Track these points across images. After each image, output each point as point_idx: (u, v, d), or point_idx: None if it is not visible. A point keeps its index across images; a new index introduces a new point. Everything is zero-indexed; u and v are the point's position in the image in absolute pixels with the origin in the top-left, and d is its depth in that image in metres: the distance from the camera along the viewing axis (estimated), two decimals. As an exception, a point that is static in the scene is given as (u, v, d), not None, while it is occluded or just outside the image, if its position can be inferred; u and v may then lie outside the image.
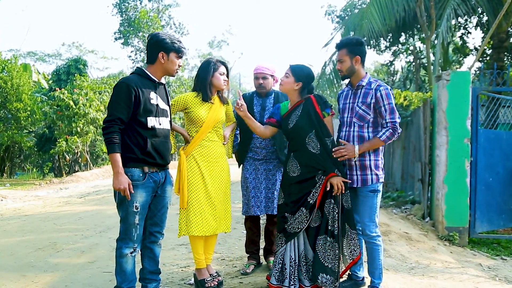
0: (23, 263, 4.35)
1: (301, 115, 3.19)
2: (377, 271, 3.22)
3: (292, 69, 3.25)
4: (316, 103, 3.18)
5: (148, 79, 2.93)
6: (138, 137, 2.83)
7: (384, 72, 16.00)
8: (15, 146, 17.43)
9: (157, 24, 21.68)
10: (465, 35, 12.01)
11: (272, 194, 3.70)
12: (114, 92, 2.81)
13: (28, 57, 34.23)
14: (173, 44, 2.92)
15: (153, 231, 3.05)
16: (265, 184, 3.72)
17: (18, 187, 12.36)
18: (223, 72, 3.38)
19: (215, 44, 36.25)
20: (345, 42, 3.22)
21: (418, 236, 5.56)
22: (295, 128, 3.19)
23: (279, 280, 3.19)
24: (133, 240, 2.85)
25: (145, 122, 2.84)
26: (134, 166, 2.81)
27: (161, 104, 2.96)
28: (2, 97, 15.83)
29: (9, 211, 7.92)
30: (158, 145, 2.91)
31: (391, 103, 3.09)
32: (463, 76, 6.00)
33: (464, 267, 4.62)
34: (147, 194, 2.88)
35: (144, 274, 3.09)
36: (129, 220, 2.83)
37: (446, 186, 5.86)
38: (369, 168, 3.15)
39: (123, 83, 2.80)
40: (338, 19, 13.66)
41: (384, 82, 3.20)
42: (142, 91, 2.82)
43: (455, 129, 5.85)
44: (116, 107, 2.75)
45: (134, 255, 2.89)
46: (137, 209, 2.82)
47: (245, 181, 3.77)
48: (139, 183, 2.82)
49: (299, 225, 3.10)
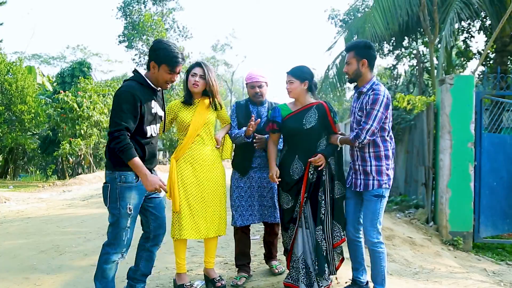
0: (26, 266, 4.35)
1: (318, 118, 3.25)
2: (379, 277, 3.18)
3: (292, 73, 3.30)
4: (328, 110, 3.28)
5: (147, 87, 2.85)
6: (137, 145, 2.76)
7: (387, 76, 15.98)
8: (19, 148, 17.50)
9: (161, 28, 21.75)
10: (468, 39, 11.98)
11: (268, 202, 3.64)
12: (118, 101, 2.71)
13: (33, 59, 34.47)
14: (166, 57, 2.76)
15: (158, 234, 3.05)
16: (260, 192, 3.64)
17: (22, 189, 12.39)
18: (195, 73, 3.39)
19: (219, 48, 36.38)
20: (353, 45, 3.21)
21: (422, 240, 5.54)
22: (312, 130, 3.24)
23: (309, 285, 3.25)
24: (122, 245, 2.78)
25: (145, 131, 2.81)
26: (127, 170, 2.73)
27: (159, 111, 2.96)
28: (7, 99, 15.90)
29: (12, 213, 7.93)
30: (152, 151, 2.91)
31: (373, 108, 2.99)
32: (467, 80, 5.99)
33: (468, 272, 4.59)
34: (139, 197, 2.84)
35: (136, 275, 3.06)
36: (120, 224, 2.75)
37: (450, 190, 5.84)
38: (370, 174, 3.14)
39: (128, 92, 2.71)
40: (341, 23, 13.66)
41: (385, 87, 3.15)
42: (145, 101, 2.78)
43: (458, 133, 5.83)
44: (122, 116, 2.66)
45: (119, 262, 2.84)
46: (131, 211, 2.77)
47: (237, 190, 3.65)
48: (132, 185, 2.76)
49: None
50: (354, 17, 12.92)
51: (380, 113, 3.00)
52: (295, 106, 3.35)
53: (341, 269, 3.50)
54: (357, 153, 3.20)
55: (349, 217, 3.31)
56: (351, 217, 3.30)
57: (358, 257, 3.35)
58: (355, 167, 3.21)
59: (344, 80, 12.29)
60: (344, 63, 3.31)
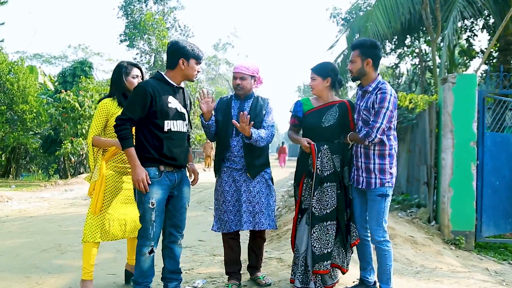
0: (27, 265, 4.36)
1: (338, 118, 3.26)
2: (384, 276, 3.17)
3: (314, 70, 3.31)
4: (350, 109, 3.28)
5: (166, 83, 3.04)
6: (155, 139, 2.95)
7: (389, 75, 15.93)
8: (20, 147, 17.50)
9: (162, 27, 21.74)
10: (471, 37, 11.93)
11: (254, 208, 3.38)
12: (132, 94, 3.00)
13: (34, 59, 34.49)
14: (193, 51, 3.01)
15: (173, 231, 3.12)
16: (245, 197, 3.38)
17: (24, 188, 12.41)
18: (136, 74, 3.41)
19: (220, 47, 36.29)
20: (359, 43, 3.20)
21: (424, 240, 5.52)
22: (330, 128, 3.25)
23: (304, 282, 3.23)
24: (149, 238, 2.94)
25: (161, 125, 2.95)
26: (150, 165, 2.92)
27: (179, 107, 3.05)
28: (9, 98, 15.90)
29: (14, 213, 7.95)
30: (173, 147, 3.00)
31: (382, 107, 3.01)
32: (469, 78, 5.96)
33: (470, 272, 4.58)
34: (163, 192, 2.97)
35: (165, 273, 3.16)
36: (146, 218, 2.93)
37: (452, 189, 5.82)
38: (373, 172, 3.13)
39: (141, 86, 2.97)
40: (343, 21, 13.62)
41: (390, 86, 3.15)
42: (159, 95, 2.94)
43: (461, 132, 5.81)
44: (130, 108, 2.91)
45: (153, 256, 2.99)
46: (153, 206, 2.92)
47: (223, 194, 3.44)
48: (155, 181, 2.93)
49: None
50: (356, 15, 12.89)
51: (389, 111, 3.03)
52: (318, 102, 3.36)
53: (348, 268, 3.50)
54: (360, 150, 3.18)
55: (356, 216, 3.32)
56: (358, 217, 3.31)
57: (366, 256, 3.34)
58: (358, 164, 3.20)
59: (346, 79, 12.26)
60: (346, 62, 3.32)
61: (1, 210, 8.20)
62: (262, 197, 3.43)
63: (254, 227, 3.40)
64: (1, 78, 15.85)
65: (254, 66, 3.47)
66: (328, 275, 3.28)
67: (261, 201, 3.42)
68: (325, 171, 3.19)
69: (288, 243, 4.96)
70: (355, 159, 3.24)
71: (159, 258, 3.14)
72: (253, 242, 3.63)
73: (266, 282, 3.54)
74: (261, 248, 3.68)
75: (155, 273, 3.09)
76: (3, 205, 8.72)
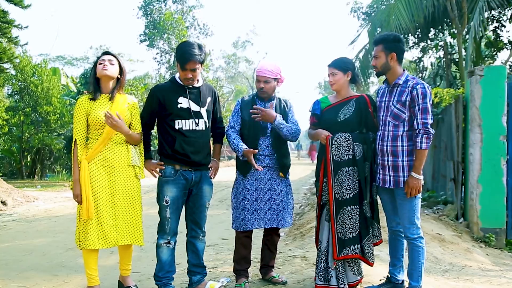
0: (54, 263, 4.42)
1: (354, 111, 3.21)
2: (415, 273, 3.09)
3: (334, 65, 3.26)
4: (370, 103, 3.23)
5: (177, 85, 3.18)
6: (168, 136, 3.14)
7: (412, 69, 15.60)
8: (45, 148, 17.82)
9: (182, 26, 21.83)
10: (498, 28, 11.51)
11: (278, 206, 3.41)
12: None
13: (57, 61, 35.18)
14: (178, 55, 3.04)
15: (193, 227, 3.29)
16: (269, 195, 3.41)
17: (49, 188, 12.68)
18: (102, 59, 3.07)
19: (240, 45, 36.28)
20: (382, 38, 3.15)
21: (452, 237, 5.37)
22: (346, 123, 3.20)
23: (326, 280, 3.16)
24: (166, 232, 3.14)
25: (172, 124, 3.12)
26: (167, 163, 3.13)
27: (193, 106, 3.14)
28: (33, 100, 16.23)
29: (41, 212, 8.12)
30: (186, 144, 3.10)
31: (425, 102, 2.95)
32: (498, 70, 5.77)
33: (502, 270, 4.43)
34: (177, 190, 3.12)
35: (189, 267, 3.35)
36: (162, 213, 3.15)
37: (481, 185, 5.64)
38: (401, 170, 3.04)
39: (151, 90, 3.23)
40: (364, 16, 13.35)
41: (422, 80, 3.08)
42: (168, 97, 3.12)
43: (489, 126, 5.63)
44: (142, 113, 3.25)
45: (170, 247, 3.17)
46: (167, 203, 3.11)
47: (243, 192, 3.41)
48: (170, 179, 3.11)
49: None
50: (377, 9, 12.63)
51: (431, 106, 3.00)
52: (335, 99, 3.33)
53: (374, 268, 3.42)
54: (387, 147, 3.08)
55: (388, 214, 3.26)
56: (390, 214, 3.24)
57: (398, 252, 3.26)
58: (384, 162, 3.11)
59: (368, 74, 12.06)
60: (367, 57, 3.26)
61: (28, 210, 8.39)
62: (285, 195, 3.46)
63: (277, 224, 3.43)
64: (26, 80, 16.19)
65: (276, 68, 3.44)
66: (352, 271, 3.21)
67: (284, 199, 3.46)
68: (342, 156, 3.12)
69: (312, 241, 4.90)
70: (380, 157, 3.14)
71: (183, 257, 3.16)
72: (269, 240, 3.62)
73: (282, 280, 3.51)
74: (276, 246, 3.69)
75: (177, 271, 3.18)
76: (30, 205, 8.92)
